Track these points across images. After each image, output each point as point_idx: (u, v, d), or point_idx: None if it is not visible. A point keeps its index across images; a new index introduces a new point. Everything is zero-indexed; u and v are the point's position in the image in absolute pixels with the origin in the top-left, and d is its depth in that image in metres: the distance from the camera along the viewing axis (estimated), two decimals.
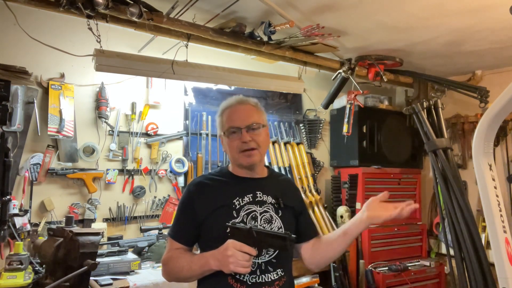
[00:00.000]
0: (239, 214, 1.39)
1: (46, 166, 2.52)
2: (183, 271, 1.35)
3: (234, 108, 1.46)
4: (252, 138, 1.40)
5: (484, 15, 2.44)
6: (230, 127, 1.42)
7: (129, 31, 2.44)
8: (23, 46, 2.44)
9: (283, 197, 1.48)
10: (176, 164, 3.00)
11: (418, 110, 3.21)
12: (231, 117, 1.44)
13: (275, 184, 1.53)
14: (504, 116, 2.18)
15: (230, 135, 1.43)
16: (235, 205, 1.40)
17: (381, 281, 3.18)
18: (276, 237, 1.24)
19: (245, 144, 1.40)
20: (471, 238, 2.74)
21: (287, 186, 1.58)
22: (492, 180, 2.22)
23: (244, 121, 1.41)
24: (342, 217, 3.39)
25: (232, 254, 1.22)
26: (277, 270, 1.39)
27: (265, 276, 1.36)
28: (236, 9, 2.42)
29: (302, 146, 3.56)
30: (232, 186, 1.45)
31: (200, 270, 1.32)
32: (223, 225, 1.34)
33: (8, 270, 2.02)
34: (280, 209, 1.45)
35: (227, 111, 1.47)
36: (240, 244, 1.23)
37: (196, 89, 3.24)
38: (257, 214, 1.41)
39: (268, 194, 1.46)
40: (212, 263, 1.27)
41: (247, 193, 1.43)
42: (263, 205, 1.43)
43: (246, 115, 1.43)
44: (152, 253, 2.66)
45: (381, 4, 2.34)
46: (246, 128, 1.41)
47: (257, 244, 1.24)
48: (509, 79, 3.04)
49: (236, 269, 1.22)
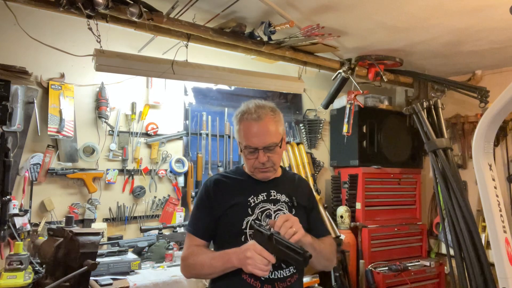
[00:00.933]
0: (254, 212, 1.43)
1: (46, 166, 2.52)
2: (204, 268, 1.38)
3: (251, 125, 1.42)
4: (269, 158, 1.43)
5: (484, 15, 2.44)
6: (247, 146, 1.43)
7: (129, 31, 2.44)
8: (23, 46, 2.44)
9: (296, 196, 1.51)
10: (176, 164, 3.00)
11: (418, 110, 3.21)
12: (249, 135, 1.42)
13: (289, 183, 1.56)
14: (504, 116, 2.17)
15: (248, 154, 1.45)
16: (250, 202, 1.44)
17: (381, 281, 3.18)
18: (292, 251, 1.23)
19: (261, 163, 1.43)
20: (471, 238, 2.74)
21: (300, 184, 1.61)
22: (492, 180, 2.22)
23: (262, 142, 1.41)
24: (342, 217, 3.39)
25: (251, 256, 1.25)
26: (289, 267, 1.42)
27: (278, 272, 1.40)
28: (236, 9, 2.42)
29: (302, 146, 3.56)
30: (247, 185, 1.49)
31: (222, 267, 1.34)
32: (237, 221, 1.41)
33: (8, 270, 2.02)
34: (293, 208, 1.49)
35: (244, 124, 1.44)
36: (260, 249, 1.25)
37: (196, 89, 3.24)
38: (271, 212, 1.44)
39: (282, 192, 1.50)
40: (234, 260, 1.30)
41: (261, 192, 1.47)
42: (277, 203, 1.47)
43: (264, 135, 1.41)
44: (152, 253, 2.66)
45: (381, 4, 2.34)
46: (263, 149, 1.42)
47: (274, 251, 1.25)
48: (509, 79, 3.05)
49: (254, 271, 1.25)
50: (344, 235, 3.31)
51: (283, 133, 1.50)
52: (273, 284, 1.38)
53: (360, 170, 3.49)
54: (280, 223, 1.28)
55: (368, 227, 3.42)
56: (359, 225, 3.42)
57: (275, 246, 1.24)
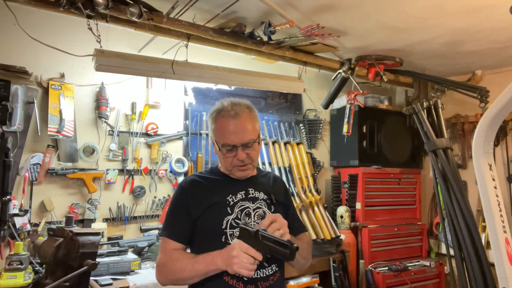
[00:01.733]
0: (233, 211, 1.40)
1: (46, 166, 2.52)
2: (185, 272, 1.33)
3: (228, 123, 1.40)
4: (248, 155, 1.41)
5: (484, 15, 2.44)
6: (225, 144, 1.40)
7: (129, 31, 2.44)
8: (23, 46, 2.44)
9: (274, 193, 1.51)
10: (176, 164, 3.00)
11: (418, 110, 3.21)
12: (225, 133, 1.40)
13: (265, 180, 1.56)
14: (504, 116, 2.17)
15: (226, 152, 1.41)
16: (229, 201, 1.41)
17: (381, 281, 3.18)
18: (279, 244, 1.22)
19: (240, 161, 1.41)
20: (471, 238, 2.74)
21: (275, 182, 1.59)
22: (492, 180, 2.22)
23: (239, 138, 1.39)
24: (342, 217, 3.39)
25: (237, 255, 1.22)
26: (271, 265, 1.40)
27: (261, 271, 1.37)
28: (236, 9, 2.43)
29: (302, 146, 3.56)
30: (224, 184, 1.47)
31: (205, 269, 1.30)
32: (217, 221, 1.37)
33: (8, 270, 2.02)
34: (272, 205, 1.48)
35: (221, 121, 1.42)
36: (246, 247, 1.23)
37: (196, 89, 3.24)
38: (250, 210, 1.42)
39: (260, 190, 1.49)
40: (219, 262, 1.27)
41: (239, 190, 1.45)
42: (256, 201, 1.45)
43: (241, 132, 1.39)
44: (152, 253, 2.66)
45: (381, 4, 2.34)
46: (242, 146, 1.39)
47: (260, 248, 1.24)
48: (509, 79, 3.04)
49: (240, 270, 1.23)
50: (344, 235, 3.31)
51: (259, 130, 1.48)
52: (256, 284, 1.35)
53: (360, 170, 3.49)
54: (267, 223, 1.27)
55: (368, 227, 3.42)
56: (359, 225, 3.42)
57: (261, 243, 1.23)
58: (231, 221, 1.38)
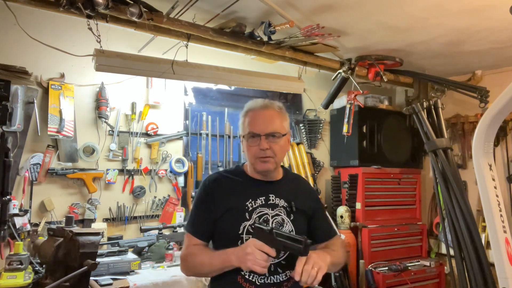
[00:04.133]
0: (251, 216, 1.41)
1: (46, 166, 2.52)
2: (204, 267, 1.38)
3: (257, 113, 1.44)
4: (270, 147, 1.40)
5: (484, 15, 2.44)
6: (250, 132, 1.42)
7: (129, 31, 2.44)
8: (23, 46, 2.44)
9: (296, 200, 1.48)
10: (176, 164, 3.00)
11: (418, 110, 3.21)
12: (253, 122, 1.43)
13: (289, 186, 1.53)
14: (504, 116, 2.18)
15: (249, 139, 1.43)
16: (248, 207, 1.42)
17: (381, 281, 3.18)
18: (293, 240, 1.24)
19: (262, 151, 1.40)
20: (471, 238, 2.74)
21: (301, 188, 1.58)
22: (492, 180, 2.22)
23: (265, 128, 1.41)
24: (342, 217, 3.39)
25: (251, 251, 1.24)
26: (286, 271, 1.40)
27: (274, 277, 1.38)
28: (236, 9, 2.43)
29: (302, 146, 3.56)
30: (246, 188, 1.47)
31: (221, 265, 1.34)
32: (234, 226, 1.39)
33: (8, 270, 2.02)
34: (292, 213, 1.46)
35: (250, 113, 1.46)
36: (260, 244, 1.25)
37: (196, 89, 3.24)
38: (268, 217, 1.42)
39: (281, 197, 1.47)
40: (233, 259, 1.30)
41: (260, 196, 1.44)
42: (275, 208, 1.45)
43: (268, 122, 1.42)
44: (152, 253, 2.66)
45: (381, 4, 2.34)
46: (266, 135, 1.40)
47: (274, 245, 1.26)
48: (509, 79, 3.04)
49: (253, 267, 1.24)
50: (344, 235, 3.30)
51: (288, 131, 1.49)
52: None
53: (360, 170, 3.49)
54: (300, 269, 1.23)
55: (368, 227, 3.42)
56: (359, 225, 3.42)
57: (275, 239, 1.25)
58: (248, 227, 1.39)
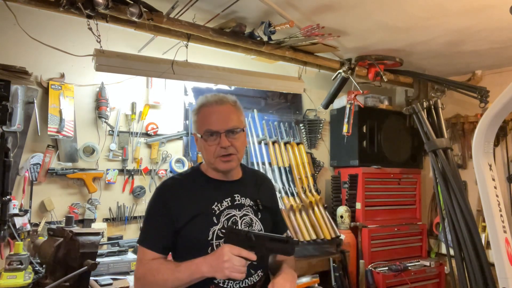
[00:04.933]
0: (219, 220, 1.33)
1: (46, 166, 2.52)
2: (167, 283, 1.25)
3: (212, 109, 1.35)
4: (231, 143, 1.33)
5: (484, 15, 2.44)
6: (208, 130, 1.33)
7: (129, 31, 2.44)
8: (23, 46, 2.44)
9: (261, 198, 1.44)
10: (176, 164, 3.00)
11: (418, 110, 3.21)
12: (209, 119, 1.34)
13: (252, 184, 1.48)
14: (504, 116, 2.18)
15: (208, 138, 1.34)
16: (215, 210, 1.34)
17: (381, 281, 3.18)
18: (277, 241, 1.19)
19: (224, 149, 1.32)
20: (471, 238, 2.74)
21: (263, 184, 1.53)
22: (492, 180, 2.22)
23: (224, 125, 1.33)
24: (342, 217, 3.39)
25: (229, 259, 1.16)
26: (257, 271, 1.36)
27: (248, 280, 1.33)
28: (236, 9, 2.43)
29: (302, 146, 3.56)
30: (209, 191, 1.38)
31: (189, 278, 1.23)
32: (203, 233, 1.30)
33: (8, 270, 2.02)
34: (259, 211, 1.41)
35: (204, 110, 1.36)
36: (238, 249, 1.18)
37: (196, 89, 3.24)
38: (237, 218, 1.35)
39: (246, 196, 1.41)
40: (204, 269, 1.20)
41: (225, 197, 1.37)
42: (242, 208, 1.38)
43: (225, 118, 1.33)
44: None
45: (381, 4, 2.34)
46: (226, 132, 1.32)
47: (255, 248, 1.20)
48: (509, 79, 3.04)
49: (232, 274, 1.17)
50: (344, 235, 3.30)
51: (245, 123, 1.42)
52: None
53: (360, 170, 3.49)
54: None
55: (368, 227, 3.42)
56: (359, 225, 3.42)
57: (254, 242, 1.20)
58: (218, 232, 1.31)
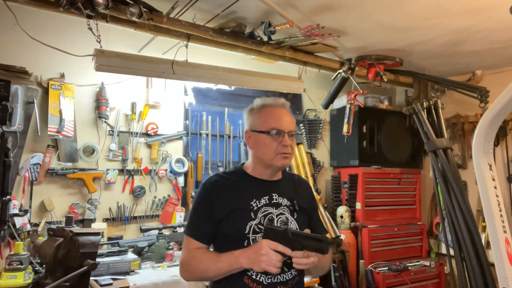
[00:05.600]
0: (256, 216, 1.41)
1: (46, 166, 2.52)
2: (209, 272, 1.37)
3: (279, 110, 1.48)
4: (290, 144, 1.45)
5: (484, 15, 2.44)
6: (275, 128, 1.43)
7: (129, 31, 2.44)
8: (23, 46, 2.44)
9: (298, 199, 1.51)
10: (176, 164, 3.00)
11: (418, 110, 3.21)
12: (277, 118, 1.45)
13: (290, 186, 1.55)
14: (504, 116, 2.18)
15: (273, 135, 1.44)
16: (253, 206, 1.42)
17: (381, 281, 3.18)
18: (312, 239, 1.25)
19: (285, 147, 1.43)
20: (471, 238, 2.74)
21: (300, 186, 1.60)
22: (492, 180, 2.22)
23: (289, 126, 1.46)
24: (342, 217, 3.39)
25: (266, 252, 1.24)
26: (291, 270, 1.41)
27: (280, 276, 1.39)
28: (236, 9, 2.42)
29: (302, 146, 3.56)
30: (249, 188, 1.47)
31: (228, 268, 1.33)
32: (240, 226, 1.39)
33: (8, 270, 2.02)
34: (295, 211, 1.48)
35: (269, 109, 1.48)
36: (275, 244, 1.25)
37: (196, 89, 3.24)
38: (273, 216, 1.43)
39: (284, 196, 1.49)
40: (243, 261, 1.29)
41: (263, 195, 1.45)
42: (279, 207, 1.46)
43: (290, 120, 1.47)
44: (152, 253, 2.66)
45: (381, 4, 2.34)
46: (289, 133, 1.45)
47: (291, 245, 1.25)
48: (509, 79, 3.04)
49: (268, 268, 1.24)
50: (344, 235, 3.31)
51: None
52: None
53: (360, 170, 3.49)
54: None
55: (368, 227, 3.42)
56: (359, 225, 3.42)
57: (290, 239, 1.26)
58: (254, 226, 1.39)
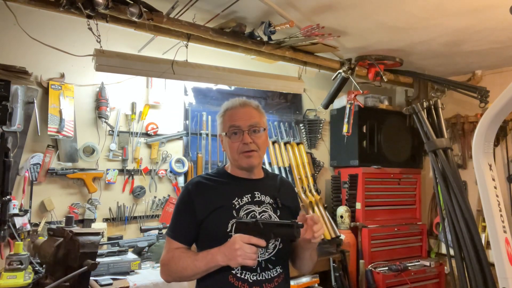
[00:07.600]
0: (238, 214, 1.41)
1: (46, 166, 2.52)
2: (187, 270, 1.36)
3: (236, 110, 1.48)
4: (253, 140, 1.43)
5: (484, 15, 2.44)
6: (232, 126, 1.45)
7: (129, 31, 2.44)
8: (23, 46, 2.44)
9: (280, 197, 1.50)
10: (176, 164, 3.00)
11: (418, 110, 3.21)
12: (233, 118, 1.46)
13: (272, 184, 1.55)
14: (504, 116, 2.17)
15: (232, 135, 1.45)
16: (235, 205, 1.42)
17: (381, 281, 3.18)
18: (283, 226, 1.26)
19: (246, 145, 1.43)
20: (471, 238, 2.74)
21: (284, 186, 1.59)
22: (492, 180, 2.22)
23: (246, 122, 1.44)
24: (342, 217, 3.39)
25: (240, 247, 1.24)
26: (276, 267, 1.41)
27: (265, 273, 1.38)
28: (236, 9, 2.43)
29: (302, 146, 3.56)
30: (230, 187, 1.47)
31: (205, 267, 1.32)
32: (223, 225, 1.38)
33: (8, 270, 2.02)
34: (278, 209, 1.48)
35: (229, 112, 1.49)
36: (248, 237, 1.26)
37: (196, 89, 3.24)
38: (256, 214, 1.42)
39: (266, 194, 1.48)
40: (219, 258, 1.29)
41: (245, 194, 1.45)
42: (262, 205, 1.45)
43: (248, 117, 1.46)
44: (152, 253, 2.66)
45: (381, 4, 2.34)
46: (248, 129, 1.44)
47: (264, 235, 1.26)
48: (509, 79, 3.05)
49: (244, 261, 1.24)
50: (344, 235, 3.31)
51: (266, 125, 1.54)
52: (261, 286, 1.37)
53: (360, 170, 3.49)
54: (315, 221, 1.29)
55: (368, 227, 3.42)
56: (359, 225, 3.42)
57: (262, 230, 1.26)
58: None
